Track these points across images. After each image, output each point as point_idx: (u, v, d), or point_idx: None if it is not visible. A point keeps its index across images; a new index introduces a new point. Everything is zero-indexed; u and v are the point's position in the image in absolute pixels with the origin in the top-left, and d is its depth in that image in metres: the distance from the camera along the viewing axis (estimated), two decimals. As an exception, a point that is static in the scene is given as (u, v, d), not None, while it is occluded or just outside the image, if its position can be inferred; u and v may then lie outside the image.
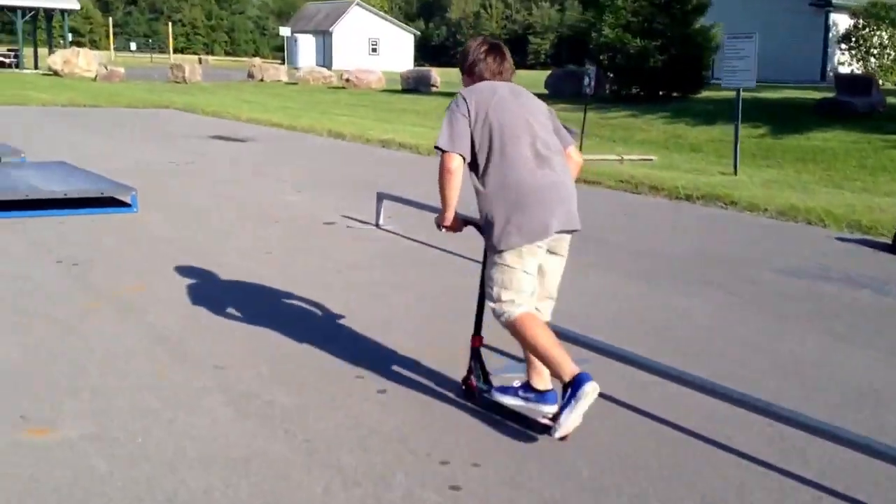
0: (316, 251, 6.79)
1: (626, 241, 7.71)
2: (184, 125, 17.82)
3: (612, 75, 21.57)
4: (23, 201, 7.44)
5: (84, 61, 34.96)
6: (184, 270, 5.87)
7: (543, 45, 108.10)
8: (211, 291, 5.42)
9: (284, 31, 50.66)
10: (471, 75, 3.68)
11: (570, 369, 3.27)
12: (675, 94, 20.98)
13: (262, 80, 35.44)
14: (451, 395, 3.90)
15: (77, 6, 38.38)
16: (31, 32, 39.71)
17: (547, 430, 3.41)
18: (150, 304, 5.10)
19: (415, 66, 62.09)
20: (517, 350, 3.79)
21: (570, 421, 3.22)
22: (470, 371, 3.79)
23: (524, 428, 3.56)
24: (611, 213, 9.27)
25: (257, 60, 61.65)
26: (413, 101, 25.68)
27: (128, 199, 7.87)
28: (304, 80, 33.54)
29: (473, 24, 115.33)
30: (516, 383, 3.62)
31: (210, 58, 65.97)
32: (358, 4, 62.25)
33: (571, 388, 3.23)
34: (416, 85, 28.52)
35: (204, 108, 21.95)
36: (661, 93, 21.01)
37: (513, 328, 3.41)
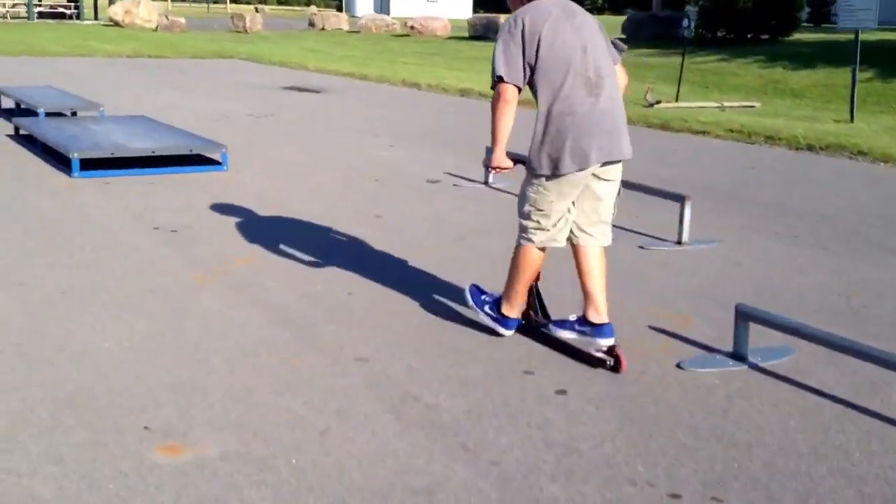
0: (429, 214, 6.14)
1: (766, 198, 6.94)
2: (253, 75, 17.23)
3: (698, 17, 20.39)
4: (106, 159, 6.90)
5: (145, 11, 34.49)
6: (292, 239, 5.27)
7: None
8: (328, 263, 4.81)
9: (342, -22, 49.51)
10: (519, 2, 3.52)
11: (517, 311, 3.68)
12: (764, 37, 19.77)
13: (322, 28, 34.69)
14: (647, 394, 3.24)
15: (138, -46, 37.76)
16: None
17: (602, 363, 3.47)
18: (264, 279, 4.51)
19: (473, 13, 60.69)
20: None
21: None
22: (529, 306, 3.79)
23: (580, 362, 3.56)
24: (732, 167, 8.47)
25: (313, 9, 60.83)
26: (483, 48, 24.73)
27: (218, 157, 7.30)
28: (367, 29, 32.69)
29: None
30: (572, 317, 3.60)
31: (266, 7, 65.14)
32: (415, -51, 60.75)
33: (501, 321, 3.70)
34: (483, 32, 27.53)
35: (269, 57, 21.35)
36: (749, 35, 19.81)
37: (518, 251, 3.58)
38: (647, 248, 5.33)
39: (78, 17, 37.64)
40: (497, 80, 3.36)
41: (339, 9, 59.80)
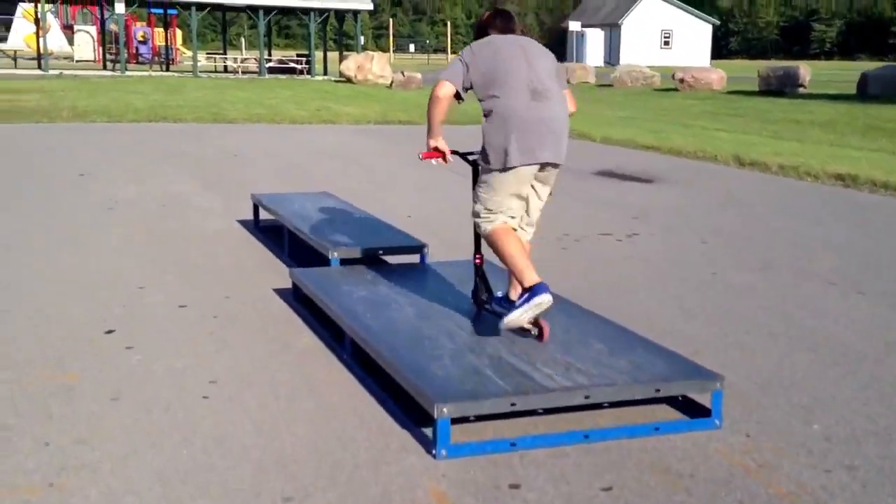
0: None
1: None
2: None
3: None
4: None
5: (378, 66, 32.26)
6: None
7: (829, 32, 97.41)
8: None
9: (574, 26, 46.16)
10: (484, 35, 4.13)
11: (531, 278, 3.76)
12: None
13: (567, 81, 31.04)
14: None
15: (370, 6, 35.94)
16: (320, 36, 37.77)
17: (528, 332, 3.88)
18: None
19: (712, 59, 55.66)
20: None
21: (517, 317, 3.70)
22: (476, 286, 4.31)
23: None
24: None
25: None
26: (797, 108, 20.12)
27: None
28: (621, 82, 28.80)
29: (748, 10, 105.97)
30: (499, 293, 4.17)
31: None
32: (652, -7, 56.71)
33: (529, 293, 3.71)
34: (779, 85, 22.83)
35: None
36: None
37: (489, 239, 3.97)
38: None
39: (309, 72, 35.97)
40: (437, 84, 3.99)
41: (564, 57, 56.51)
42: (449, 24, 65.00)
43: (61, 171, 10.22)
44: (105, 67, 37.79)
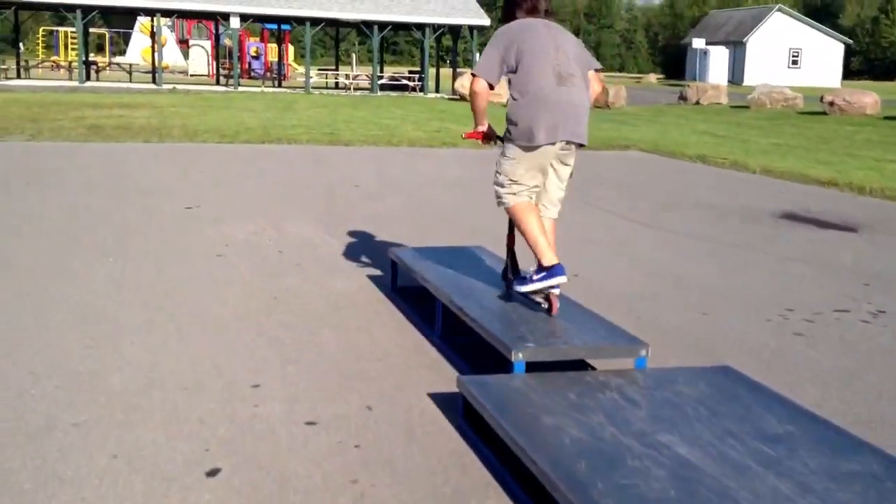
0: None
1: None
2: (699, 186, 11.81)
3: None
4: None
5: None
6: None
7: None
8: None
9: (697, 43, 43.82)
10: (516, 12, 4.36)
11: (550, 258, 4.14)
12: None
13: (697, 102, 29.08)
14: None
15: (487, 21, 34.58)
16: (432, 53, 36.67)
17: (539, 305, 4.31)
18: None
19: (843, 80, 52.42)
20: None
21: (530, 288, 4.18)
22: (506, 266, 4.61)
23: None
24: None
25: (653, 77, 55.51)
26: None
27: None
28: (758, 103, 26.61)
29: (871, 30, 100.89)
30: (531, 269, 4.28)
31: (601, 75, 60.74)
32: (780, 10, 53.75)
33: (546, 272, 4.10)
34: (949, 110, 20.42)
35: (676, 147, 15.99)
36: None
37: (510, 213, 4.30)
38: None
39: (422, 89, 34.83)
40: (473, 75, 4.24)
41: (684, 76, 54.17)
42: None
43: (167, 201, 9.05)
44: (218, 82, 37.55)
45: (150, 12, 32.55)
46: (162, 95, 27.42)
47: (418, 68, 39.68)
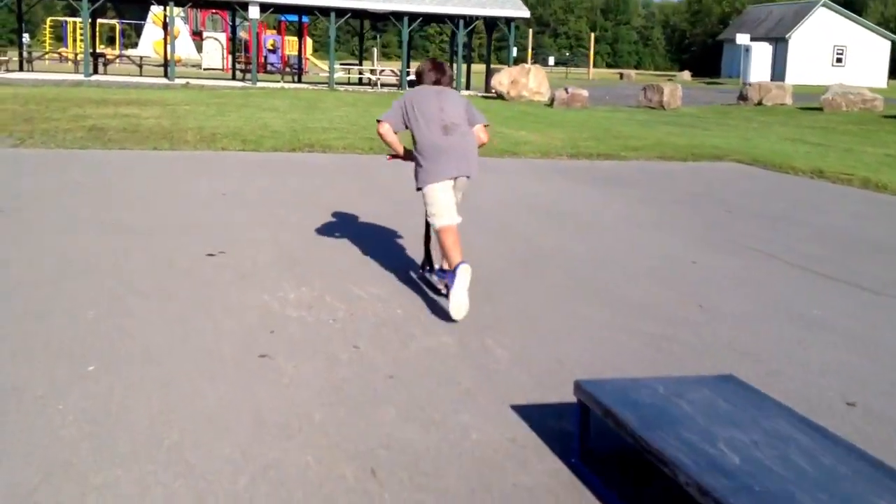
0: None
1: None
2: (837, 210, 9.31)
3: None
4: None
5: (535, 81, 28.38)
6: None
7: None
8: None
9: (742, 39, 41.09)
10: (420, 83, 5.56)
11: (455, 261, 5.10)
12: None
13: (759, 102, 26.49)
14: None
15: (527, 13, 31.99)
16: (466, 45, 34.04)
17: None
18: None
19: (890, 79, 49.62)
20: None
21: (457, 298, 4.97)
22: (424, 261, 5.84)
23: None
24: None
25: (687, 74, 52.87)
26: None
27: None
28: (833, 105, 24.01)
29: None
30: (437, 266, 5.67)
31: (633, 72, 58.22)
32: (824, 5, 50.95)
33: (452, 271, 5.06)
34: None
35: (782, 159, 13.45)
36: None
37: (438, 232, 5.31)
38: None
39: (455, 86, 32.28)
40: (378, 121, 5.44)
41: (717, 72, 51.55)
42: (592, 37, 60.74)
43: (179, 242, 6.59)
44: (234, 77, 35.11)
45: (163, 1, 30.08)
46: (174, 91, 24.99)
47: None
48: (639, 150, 14.53)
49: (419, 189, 5.39)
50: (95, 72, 32.09)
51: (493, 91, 28.81)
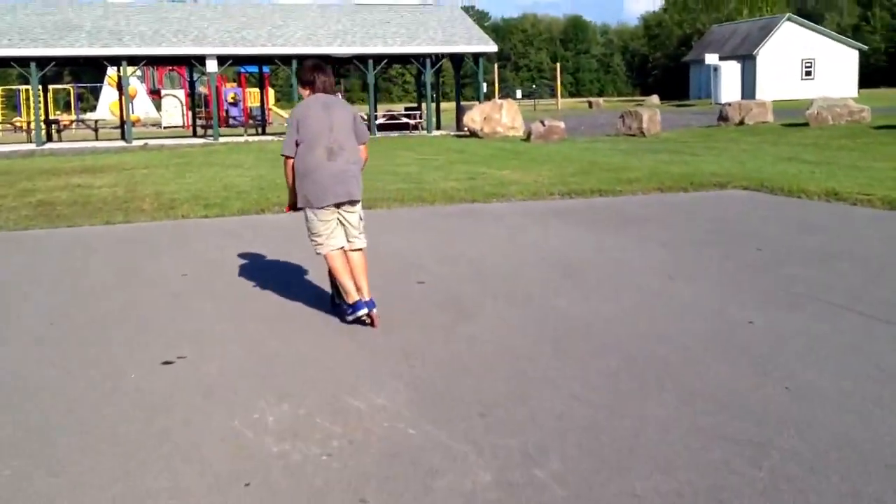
0: None
1: None
2: (876, 237, 8.25)
3: None
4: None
5: (508, 116, 27.47)
6: None
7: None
8: None
9: (711, 59, 40.55)
10: (303, 87, 5.70)
11: (353, 297, 5.47)
12: None
13: (741, 122, 25.68)
14: None
15: (494, 48, 31.14)
16: (434, 86, 33.09)
17: (363, 322, 5.52)
18: None
19: (859, 89, 49.41)
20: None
21: (350, 318, 5.55)
22: (332, 294, 5.93)
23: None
24: None
25: (655, 98, 52.39)
26: None
27: None
28: (819, 119, 23.23)
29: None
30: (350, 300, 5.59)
31: (601, 100, 57.73)
32: (789, 19, 50.74)
33: (352, 307, 5.49)
34: None
35: (789, 182, 12.48)
36: None
37: (324, 259, 5.58)
38: None
39: (424, 127, 31.35)
40: (284, 157, 5.54)
41: (686, 95, 51.19)
42: (559, 67, 60.19)
43: (134, 352, 5.39)
44: (195, 133, 33.94)
45: (114, 61, 28.89)
46: (132, 154, 23.77)
47: (413, 104, 36.26)
48: (634, 183, 13.48)
49: (305, 211, 5.52)
50: (49, 139, 30.84)
51: (466, 129, 27.85)
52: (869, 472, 3.41)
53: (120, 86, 31.54)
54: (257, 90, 39.83)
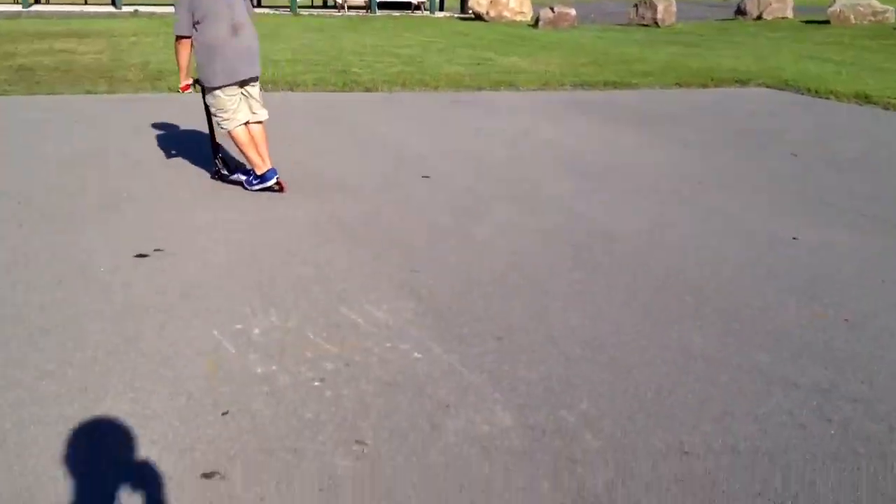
0: None
1: None
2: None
3: None
4: None
5: (515, 1, 26.17)
6: None
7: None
8: None
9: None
10: None
11: (261, 167, 5.63)
12: None
13: (759, 17, 24.54)
14: None
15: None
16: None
17: (272, 189, 5.65)
18: None
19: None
20: None
21: (257, 188, 5.66)
22: (216, 163, 5.95)
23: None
24: None
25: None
26: None
27: None
28: (841, 18, 22.17)
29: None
30: (252, 174, 5.74)
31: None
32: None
33: (261, 177, 5.63)
34: None
35: (815, 82, 11.75)
36: None
37: (230, 135, 5.62)
38: None
39: (428, 7, 30.02)
40: (179, 37, 5.38)
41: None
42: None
43: (106, 239, 4.81)
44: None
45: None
46: (121, 20, 22.62)
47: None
48: (650, 77, 12.69)
49: (208, 89, 5.45)
50: (37, 1, 29.43)
51: (471, 11, 26.60)
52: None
53: (110, -53, 29.88)
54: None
